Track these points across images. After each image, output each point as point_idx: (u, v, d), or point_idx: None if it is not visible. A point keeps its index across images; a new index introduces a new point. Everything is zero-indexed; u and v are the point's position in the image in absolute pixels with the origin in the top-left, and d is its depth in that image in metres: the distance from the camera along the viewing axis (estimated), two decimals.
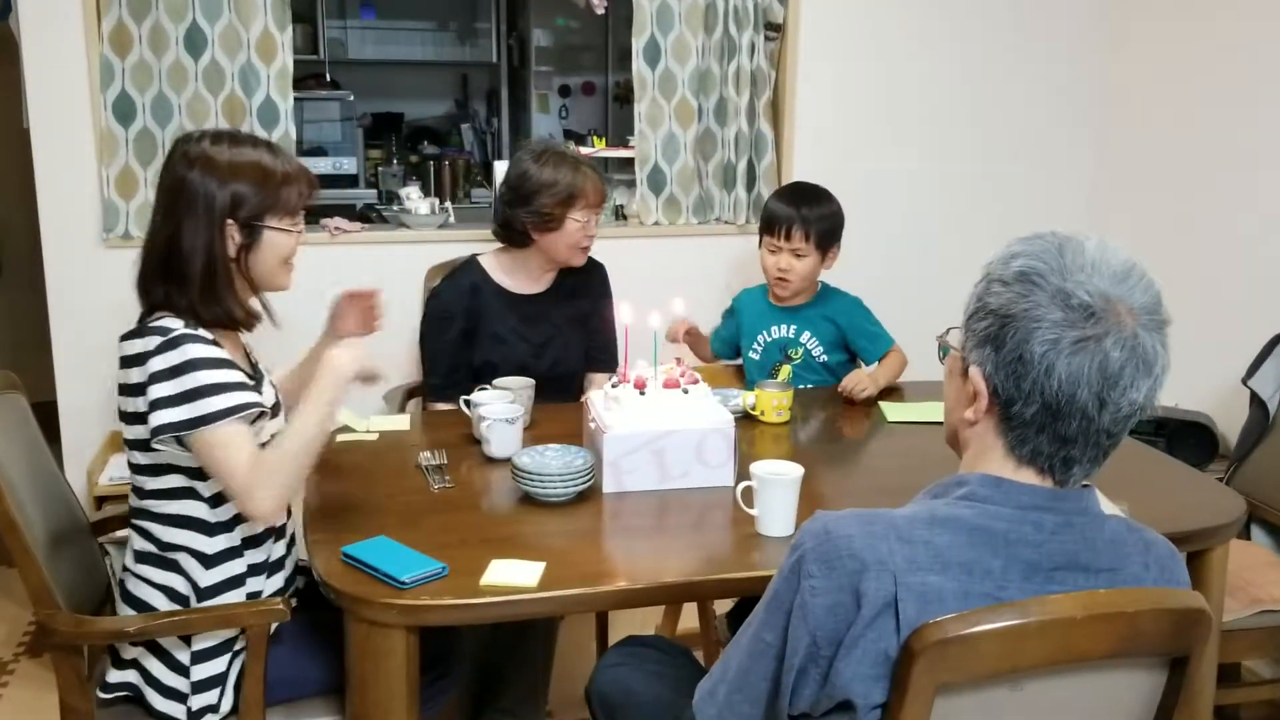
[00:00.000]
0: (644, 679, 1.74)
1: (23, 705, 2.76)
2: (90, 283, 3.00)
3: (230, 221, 1.79)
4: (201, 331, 1.77)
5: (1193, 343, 2.26)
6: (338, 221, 3.19)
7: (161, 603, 1.82)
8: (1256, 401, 2.67)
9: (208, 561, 1.81)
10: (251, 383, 1.82)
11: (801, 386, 2.66)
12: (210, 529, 1.81)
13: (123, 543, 2.60)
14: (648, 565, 1.76)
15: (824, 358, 2.75)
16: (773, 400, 2.40)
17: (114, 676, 1.85)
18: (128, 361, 1.78)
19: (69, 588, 1.88)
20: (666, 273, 3.29)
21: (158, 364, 1.72)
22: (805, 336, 2.75)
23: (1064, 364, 1.13)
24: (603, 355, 2.79)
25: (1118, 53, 3.56)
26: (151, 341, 1.74)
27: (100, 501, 2.78)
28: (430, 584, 1.63)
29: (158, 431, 1.71)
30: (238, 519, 1.82)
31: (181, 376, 1.71)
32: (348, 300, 2.18)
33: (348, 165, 4.59)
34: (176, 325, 1.75)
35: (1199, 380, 2.96)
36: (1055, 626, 1.11)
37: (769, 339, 2.78)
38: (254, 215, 1.80)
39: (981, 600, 1.14)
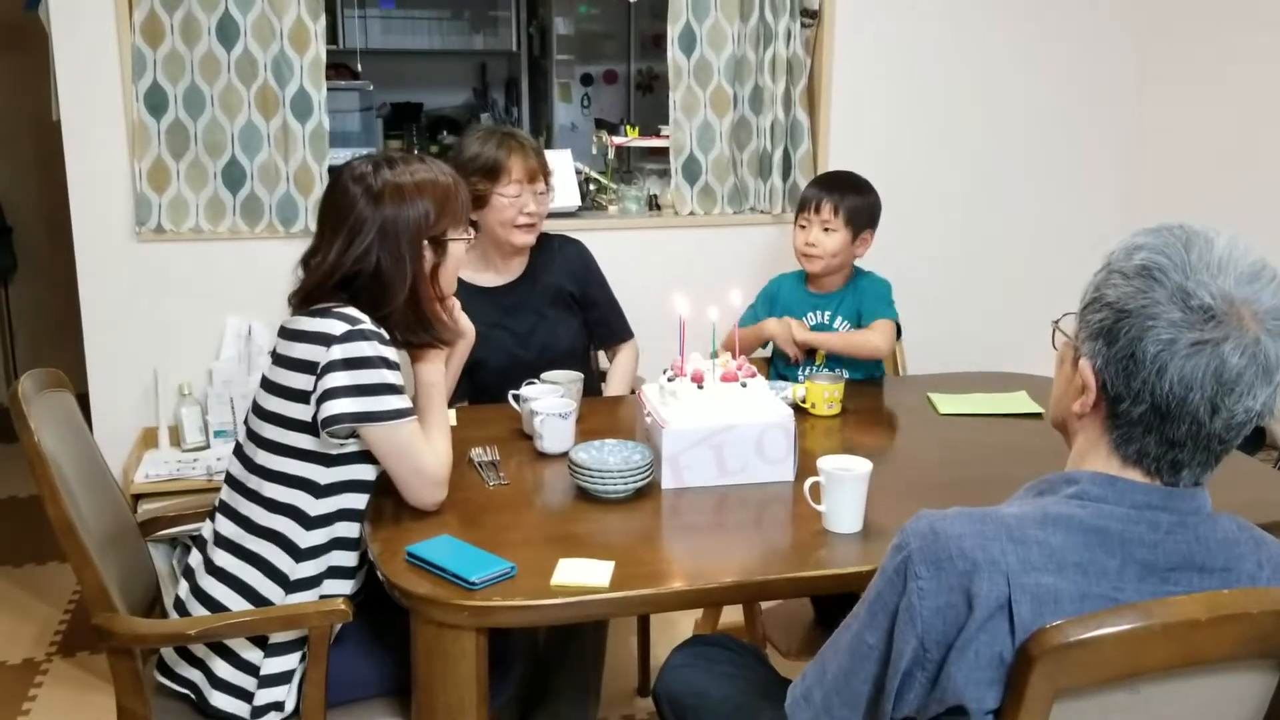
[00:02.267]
0: (715, 680, 1.71)
1: (58, 705, 2.73)
2: (123, 277, 2.96)
3: (425, 242, 1.84)
4: (382, 330, 1.79)
5: None
6: None
7: (233, 600, 1.79)
8: None
9: (299, 555, 1.79)
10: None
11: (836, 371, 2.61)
12: (309, 521, 1.80)
13: (165, 542, 2.59)
14: (715, 564, 1.73)
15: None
16: (824, 393, 2.37)
17: (180, 668, 1.83)
18: (298, 336, 1.77)
19: (121, 588, 1.85)
20: (702, 263, 3.27)
21: (349, 351, 1.72)
22: (838, 322, 2.70)
23: (1177, 366, 1.09)
24: (606, 330, 2.75)
25: (1157, 36, 3.52)
26: (337, 326, 1.73)
27: (135, 500, 2.75)
28: (500, 584, 1.60)
29: (341, 419, 1.72)
30: (336, 516, 1.81)
31: (372, 370, 1.73)
32: None
33: None
34: (363, 318, 1.76)
35: None
36: (1179, 629, 1.08)
37: (807, 324, 2.72)
38: (442, 230, 1.86)
39: (1099, 602, 1.11)
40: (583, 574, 1.62)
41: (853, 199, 2.65)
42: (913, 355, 3.00)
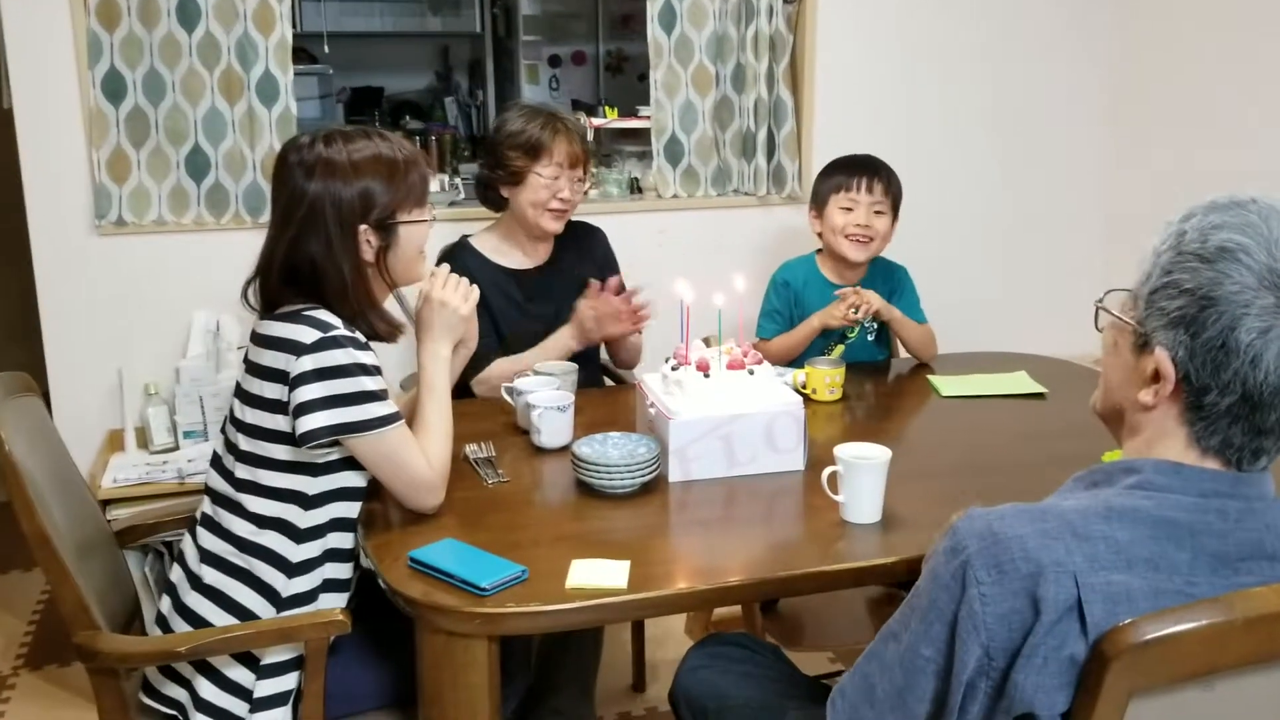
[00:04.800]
0: (734, 681, 1.64)
1: None
2: (83, 273, 2.83)
3: (364, 226, 1.68)
4: (357, 334, 1.68)
5: None
6: None
7: (221, 618, 1.69)
8: None
9: (291, 570, 1.69)
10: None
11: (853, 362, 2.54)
12: (300, 535, 1.69)
13: (136, 549, 2.47)
14: (732, 560, 1.65)
15: (872, 336, 2.63)
16: (825, 378, 2.30)
17: (165, 687, 1.73)
18: (267, 342, 1.65)
19: (100, 602, 1.74)
20: (686, 247, 3.19)
21: (321, 360, 1.61)
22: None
23: (1273, 354, 1.03)
24: None
25: (1139, 18, 3.48)
26: (307, 334, 1.62)
27: (104, 505, 2.63)
28: (511, 589, 1.51)
29: (320, 434, 1.61)
30: (328, 527, 1.71)
31: (349, 378, 1.62)
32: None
33: None
34: (335, 323, 1.64)
35: None
36: (1261, 623, 1.02)
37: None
38: (387, 214, 1.70)
39: (1173, 598, 1.05)
40: (599, 575, 1.53)
41: (891, 182, 2.54)
42: None
